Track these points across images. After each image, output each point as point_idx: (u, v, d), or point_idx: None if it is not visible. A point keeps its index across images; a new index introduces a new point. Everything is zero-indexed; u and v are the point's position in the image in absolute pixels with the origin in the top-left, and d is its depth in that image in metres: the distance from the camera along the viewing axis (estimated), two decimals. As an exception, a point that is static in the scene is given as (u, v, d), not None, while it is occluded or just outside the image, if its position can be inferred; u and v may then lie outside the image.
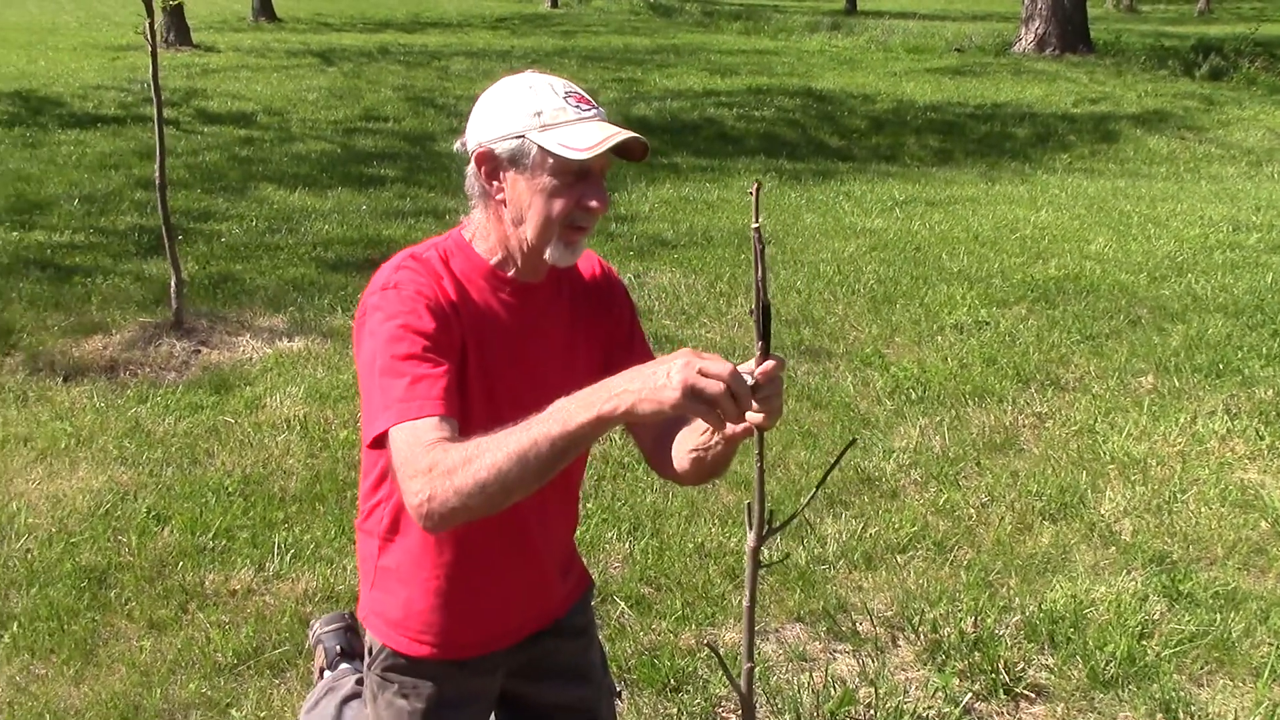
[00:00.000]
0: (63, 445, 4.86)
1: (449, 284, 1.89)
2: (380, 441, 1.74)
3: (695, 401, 1.54)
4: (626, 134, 1.83)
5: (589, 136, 1.82)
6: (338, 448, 4.90)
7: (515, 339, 1.95)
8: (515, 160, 1.85)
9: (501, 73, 1.99)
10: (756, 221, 1.61)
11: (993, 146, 13.11)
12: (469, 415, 1.83)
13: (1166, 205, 9.82)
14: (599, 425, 1.59)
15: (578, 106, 1.86)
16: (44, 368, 5.66)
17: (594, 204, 1.87)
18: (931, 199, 10.04)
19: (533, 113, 1.84)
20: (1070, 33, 19.79)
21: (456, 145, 1.95)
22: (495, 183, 1.89)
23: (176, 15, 18.39)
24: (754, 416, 1.68)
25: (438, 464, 1.63)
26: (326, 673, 2.96)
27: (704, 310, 6.70)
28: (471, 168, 1.91)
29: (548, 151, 1.82)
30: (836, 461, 1.87)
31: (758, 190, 1.63)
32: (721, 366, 1.54)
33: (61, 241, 7.81)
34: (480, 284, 1.93)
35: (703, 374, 1.54)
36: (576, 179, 1.85)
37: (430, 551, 2.01)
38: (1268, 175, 11.70)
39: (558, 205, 1.85)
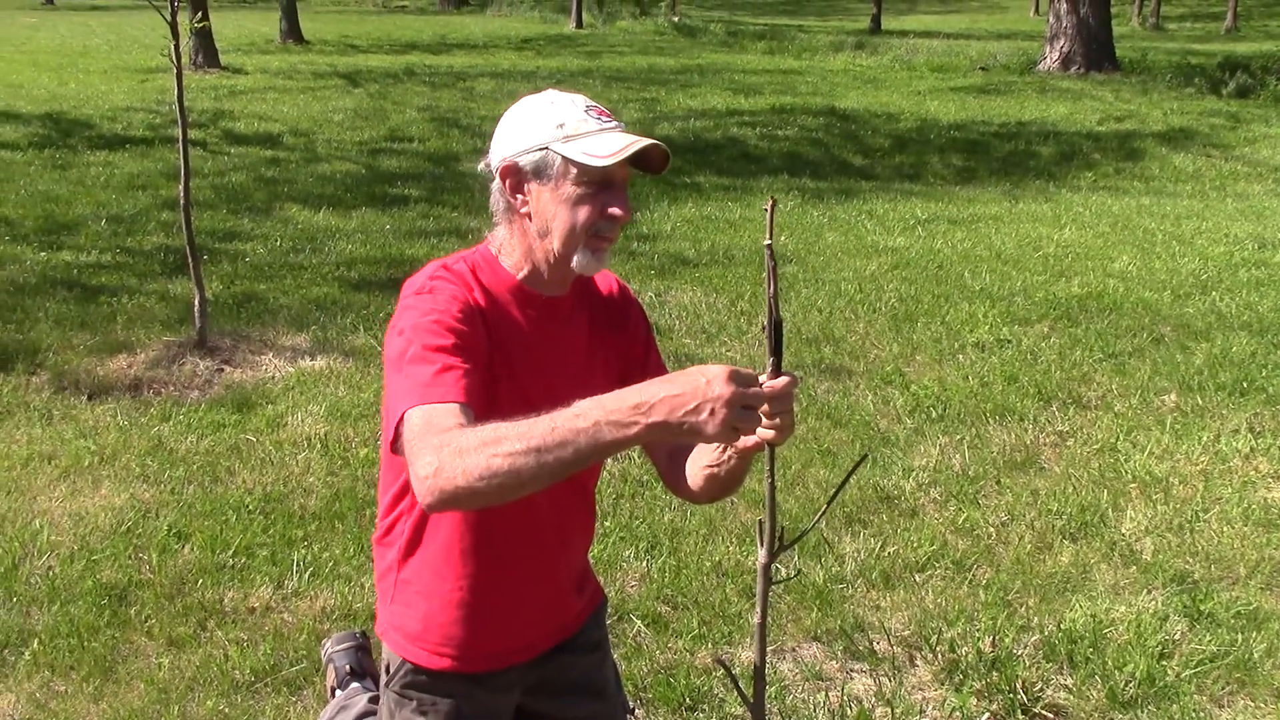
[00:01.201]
0: (86, 463, 4.91)
1: (479, 294, 1.93)
2: (399, 431, 1.72)
3: (728, 436, 1.54)
4: (648, 140, 1.88)
5: (611, 145, 1.86)
6: (358, 466, 4.92)
7: (538, 352, 1.98)
8: (539, 172, 1.90)
9: (526, 93, 2.02)
10: (769, 238, 1.62)
11: (1017, 165, 13.08)
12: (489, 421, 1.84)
13: (1191, 223, 9.77)
14: (630, 442, 1.57)
15: (599, 119, 1.91)
16: (69, 386, 5.71)
17: (618, 211, 1.91)
18: (954, 217, 10.02)
19: (556, 125, 1.89)
20: (1095, 51, 19.75)
21: (480, 166, 1.98)
22: (520, 196, 1.93)
23: (205, 38, 18.58)
24: (765, 433, 1.70)
25: (450, 441, 1.61)
26: (338, 691, 2.97)
27: (724, 329, 6.70)
28: (496, 183, 1.95)
29: (571, 161, 1.87)
30: (849, 476, 1.87)
31: (772, 207, 1.64)
32: (758, 396, 1.56)
33: (88, 261, 7.89)
34: (506, 298, 1.96)
35: (745, 404, 1.54)
36: (600, 188, 1.89)
37: (452, 564, 2.03)
38: (1294, 193, 11.62)
39: (582, 214, 1.89)
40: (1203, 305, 7.20)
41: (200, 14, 13.70)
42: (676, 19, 31.88)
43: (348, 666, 3.02)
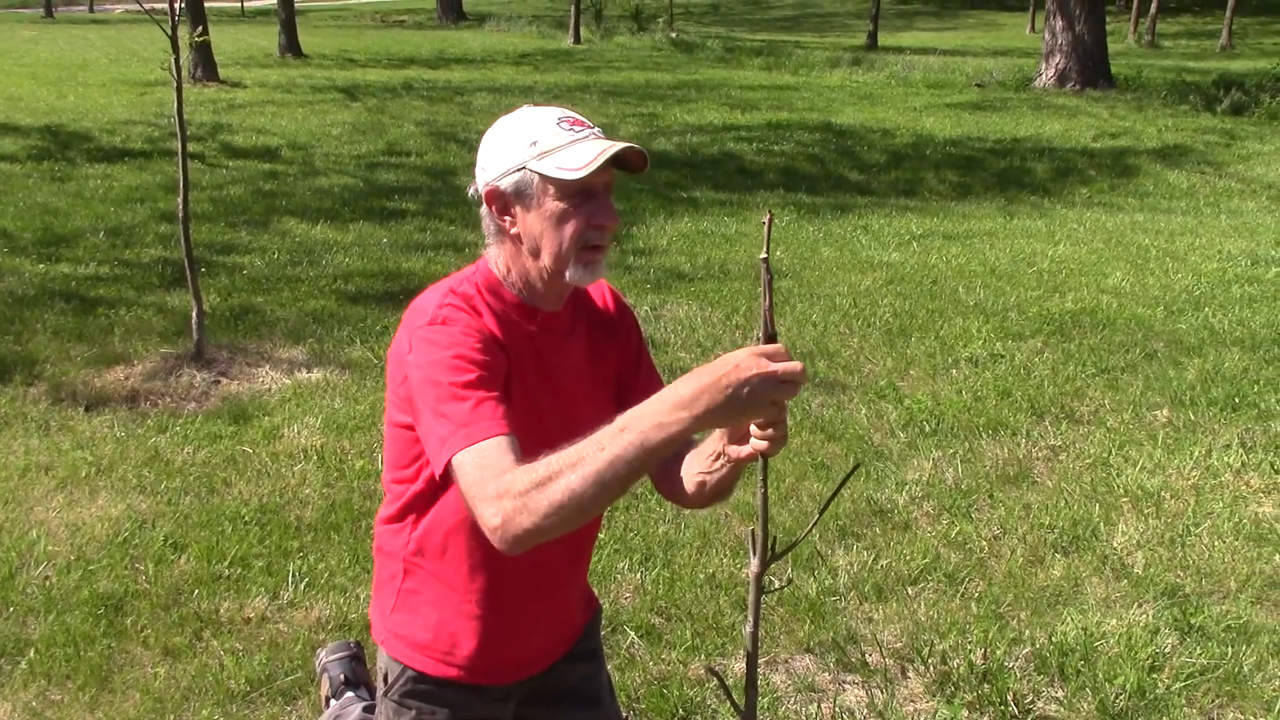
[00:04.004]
0: (83, 474, 4.92)
1: (488, 318, 1.93)
2: (448, 471, 1.75)
3: (784, 389, 1.56)
4: (620, 145, 1.87)
5: (584, 155, 1.86)
6: (353, 477, 4.94)
7: (546, 368, 2.00)
8: (520, 193, 1.90)
9: (523, 107, 2.03)
10: (766, 252, 1.65)
11: (1012, 181, 13.13)
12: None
13: (1185, 239, 9.82)
14: (686, 435, 1.59)
15: (571, 129, 1.90)
16: (66, 398, 5.73)
17: (603, 220, 1.91)
18: (949, 233, 10.07)
19: (529, 142, 1.89)
20: (1091, 68, 19.85)
21: (470, 190, 2.00)
22: (508, 218, 1.94)
23: (204, 51, 18.65)
24: (758, 444, 1.73)
25: (510, 488, 1.63)
26: (332, 701, 2.98)
27: (720, 343, 6.73)
28: (484, 208, 1.97)
29: (547, 178, 1.87)
30: (840, 486, 1.89)
31: (769, 221, 1.67)
32: (794, 369, 1.56)
33: (86, 274, 7.92)
34: (512, 317, 1.97)
35: (774, 365, 1.55)
36: (583, 200, 1.89)
37: (463, 577, 2.04)
38: (1288, 210, 11.68)
39: (568, 229, 1.90)
40: (1195, 321, 7.24)
41: (200, 28, 13.78)
42: (674, 34, 31.99)
43: (342, 676, 3.04)
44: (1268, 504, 4.83)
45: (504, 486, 1.64)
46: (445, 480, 1.80)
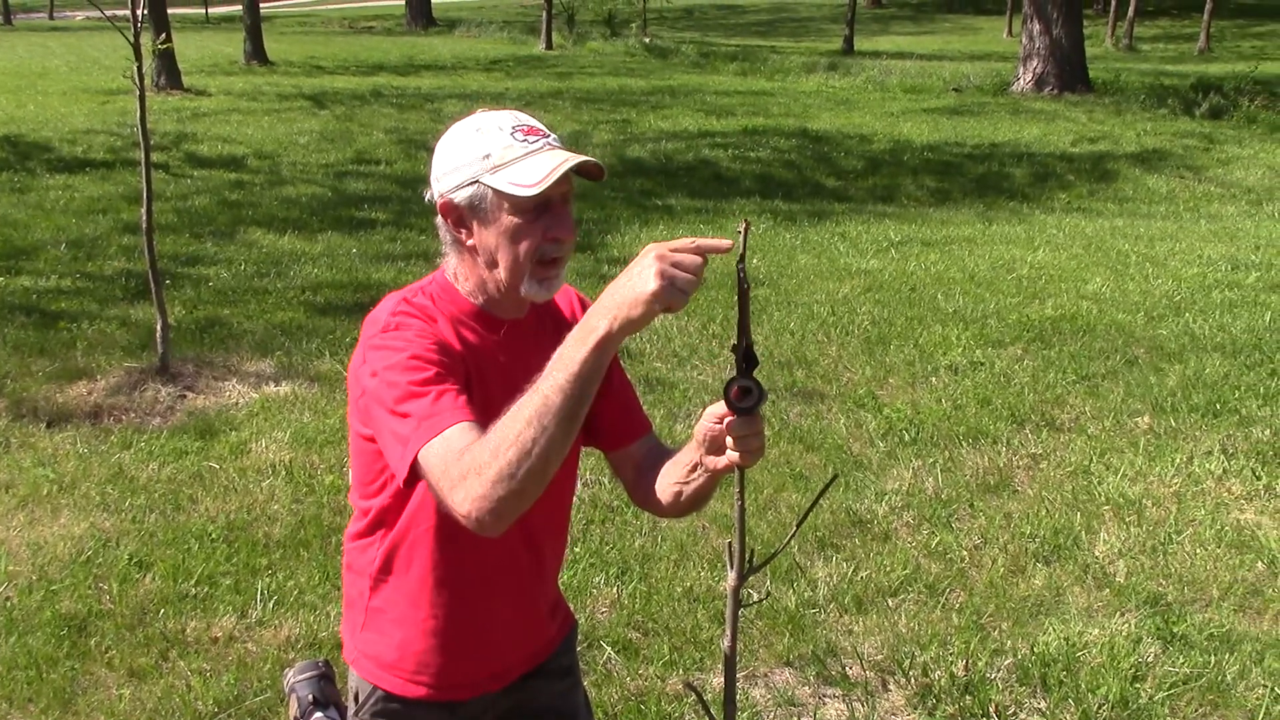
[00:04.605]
0: (45, 492, 4.89)
1: (444, 326, 1.93)
2: (416, 471, 1.76)
3: (673, 290, 1.57)
4: (575, 159, 1.85)
5: (538, 170, 1.84)
6: (323, 493, 4.93)
7: (508, 376, 1.97)
8: (475, 207, 1.89)
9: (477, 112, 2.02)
10: (742, 260, 1.65)
11: (990, 186, 13.22)
12: None
13: (1165, 244, 9.90)
14: (600, 353, 1.61)
15: (525, 140, 1.88)
16: (27, 414, 5.69)
17: (560, 234, 1.90)
18: (927, 239, 10.12)
19: (481, 156, 1.87)
20: (1069, 72, 19.99)
21: (426, 195, 1.99)
22: (463, 231, 1.93)
23: (167, 59, 18.57)
24: (734, 454, 1.74)
25: (469, 468, 1.65)
26: (302, 720, 2.96)
27: (696, 352, 6.75)
28: (439, 219, 1.96)
29: (501, 193, 1.86)
30: (819, 497, 1.91)
31: (746, 229, 1.68)
32: (691, 258, 1.59)
33: (47, 287, 7.87)
34: (470, 325, 1.97)
35: (674, 263, 1.58)
36: (538, 214, 1.87)
37: (426, 591, 2.04)
38: (1268, 214, 11.78)
39: (524, 245, 1.89)
40: (1176, 327, 7.30)
41: (163, 35, 13.66)
42: (648, 40, 32.05)
43: (310, 696, 3.01)
44: (1250, 510, 4.88)
45: (467, 466, 1.66)
46: (412, 485, 1.80)
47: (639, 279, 1.57)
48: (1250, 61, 23.38)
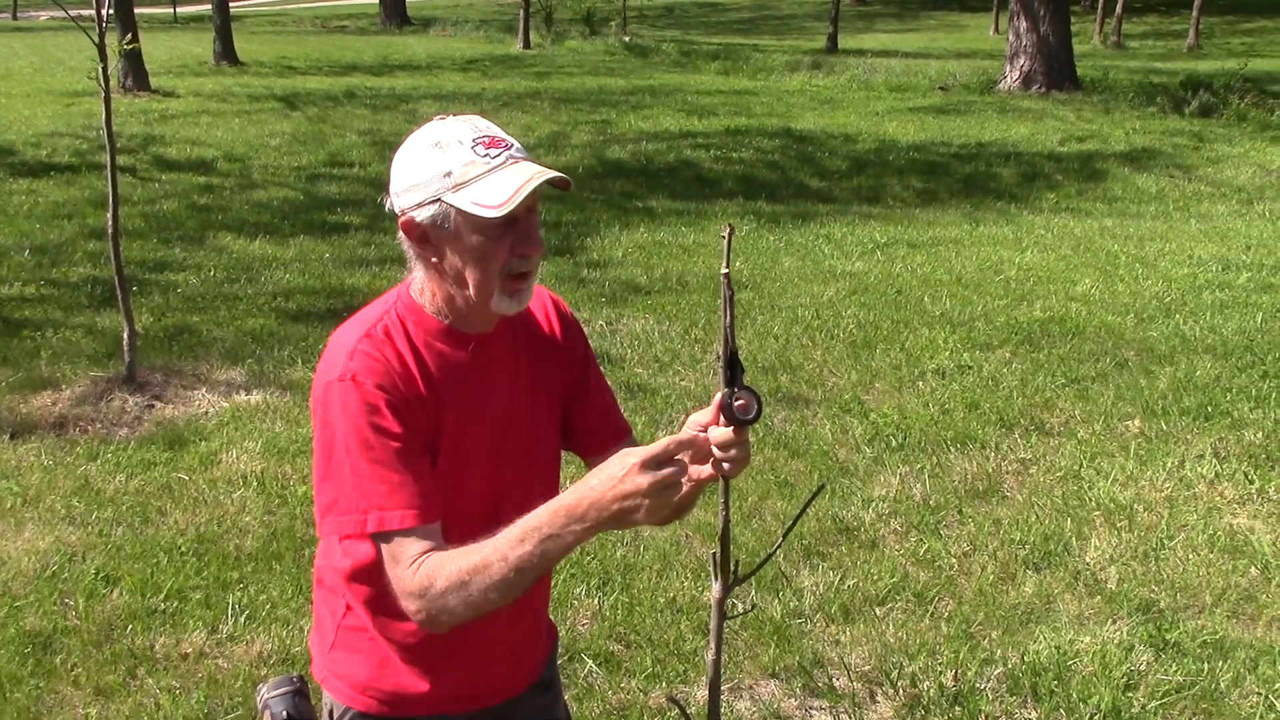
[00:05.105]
0: (8, 505, 4.86)
1: (409, 357, 1.90)
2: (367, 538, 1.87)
3: (669, 494, 1.69)
4: (542, 176, 1.83)
5: (503, 188, 1.81)
6: (295, 504, 4.91)
7: (480, 393, 1.97)
8: (438, 226, 1.86)
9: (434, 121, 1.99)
10: (727, 266, 1.65)
11: (977, 186, 13.26)
12: (446, 477, 1.90)
13: (1155, 245, 9.95)
14: (570, 549, 1.75)
15: (487, 154, 1.85)
16: (-10, 425, 5.66)
17: (527, 250, 1.88)
18: (914, 241, 10.15)
19: (443, 174, 1.84)
20: (1056, 70, 20.08)
21: (386, 204, 1.95)
22: (427, 248, 1.91)
23: (134, 60, 18.49)
24: (719, 465, 1.74)
25: (431, 586, 1.77)
26: (275, 738, 2.94)
27: (678, 358, 6.75)
28: (402, 235, 1.93)
29: (465, 213, 1.83)
30: (805, 507, 1.90)
31: (730, 234, 1.67)
32: (665, 456, 1.69)
33: (10, 294, 7.82)
34: (437, 345, 1.94)
35: (657, 475, 1.67)
36: (505, 229, 1.85)
37: (402, 619, 1.98)
38: (1259, 213, 11.86)
39: (491, 264, 1.86)
40: (1166, 328, 7.34)
41: (129, 35, 13.61)
42: (628, 39, 32.08)
43: (284, 713, 2.99)
44: (1242, 515, 4.90)
45: (421, 584, 1.78)
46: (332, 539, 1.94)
47: (631, 512, 1.69)
48: (1240, 58, 23.50)
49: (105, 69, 5.89)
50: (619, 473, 1.68)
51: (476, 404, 1.96)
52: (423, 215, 1.87)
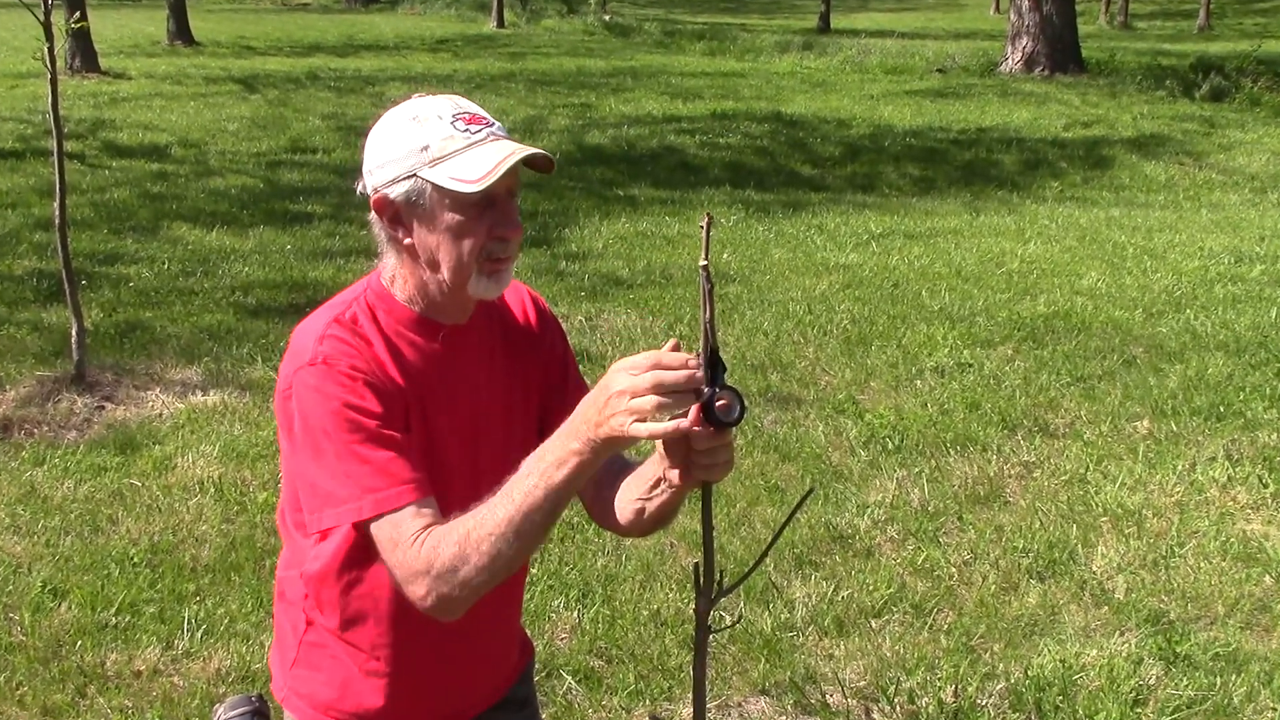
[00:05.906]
0: (-51, 514, 4.84)
1: (379, 345, 1.89)
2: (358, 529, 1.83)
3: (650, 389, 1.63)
4: (522, 152, 1.83)
5: (482, 163, 1.81)
6: (255, 511, 4.89)
7: (453, 385, 1.96)
8: (413, 203, 1.86)
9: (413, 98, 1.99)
10: (705, 258, 1.65)
11: (977, 174, 13.31)
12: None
13: (1164, 236, 10.00)
14: (577, 475, 1.68)
15: (467, 130, 1.85)
16: (-71, 428, 5.63)
17: (505, 233, 1.88)
18: (911, 231, 10.18)
19: (419, 148, 1.84)
20: (1060, 51, 20.17)
21: (358, 188, 1.95)
22: (400, 229, 1.90)
23: (82, 39, 18.41)
24: (700, 470, 1.73)
25: (434, 563, 1.73)
26: (234, 760, 2.93)
27: (662, 355, 6.74)
28: (373, 215, 1.92)
29: (442, 189, 1.83)
30: (794, 512, 1.90)
31: (708, 224, 1.67)
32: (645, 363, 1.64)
33: (-49, 288, 7.79)
34: (409, 335, 1.93)
35: (635, 396, 1.62)
36: (483, 209, 1.85)
37: (369, 630, 2.00)
38: (1272, 203, 11.94)
39: (468, 243, 1.86)
40: (1176, 324, 7.37)
41: (77, 13, 13.57)
42: (608, 17, 32.09)
43: (244, 733, 2.99)
44: (1256, 521, 4.93)
45: (426, 563, 1.73)
46: (324, 537, 1.89)
47: (620, 419, 1.62)
48: (1253, 40, 23.67)
49: (51, 49, 5.86)
50: (605, 383, 1.65)
51: (449, 397, 1.95)
52: (396, 192, 1.86)
